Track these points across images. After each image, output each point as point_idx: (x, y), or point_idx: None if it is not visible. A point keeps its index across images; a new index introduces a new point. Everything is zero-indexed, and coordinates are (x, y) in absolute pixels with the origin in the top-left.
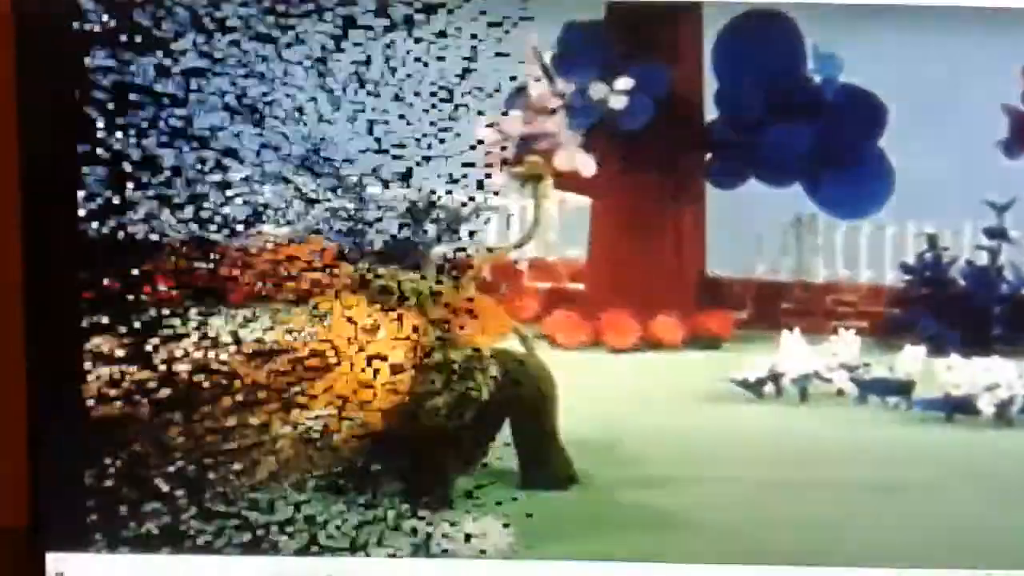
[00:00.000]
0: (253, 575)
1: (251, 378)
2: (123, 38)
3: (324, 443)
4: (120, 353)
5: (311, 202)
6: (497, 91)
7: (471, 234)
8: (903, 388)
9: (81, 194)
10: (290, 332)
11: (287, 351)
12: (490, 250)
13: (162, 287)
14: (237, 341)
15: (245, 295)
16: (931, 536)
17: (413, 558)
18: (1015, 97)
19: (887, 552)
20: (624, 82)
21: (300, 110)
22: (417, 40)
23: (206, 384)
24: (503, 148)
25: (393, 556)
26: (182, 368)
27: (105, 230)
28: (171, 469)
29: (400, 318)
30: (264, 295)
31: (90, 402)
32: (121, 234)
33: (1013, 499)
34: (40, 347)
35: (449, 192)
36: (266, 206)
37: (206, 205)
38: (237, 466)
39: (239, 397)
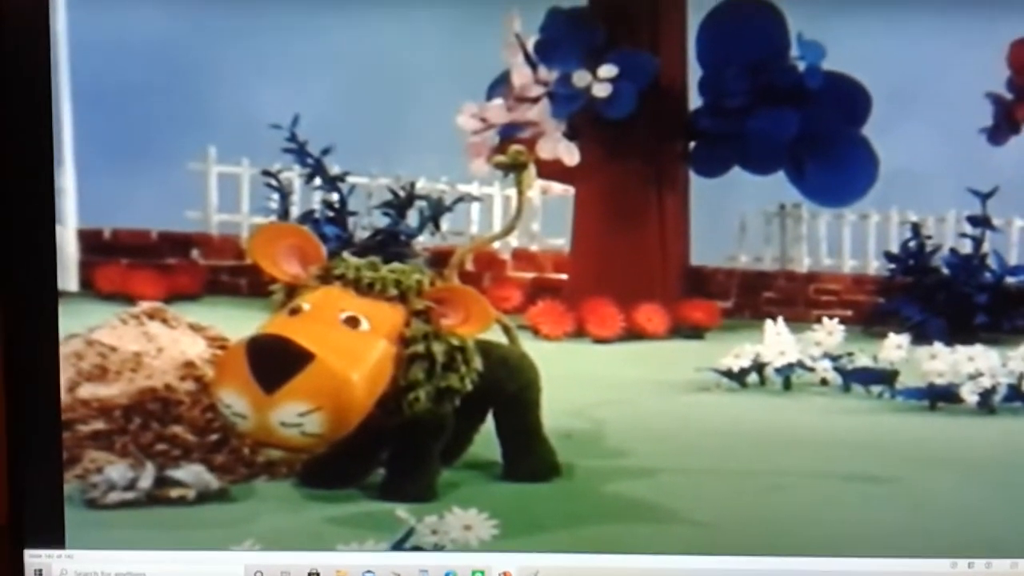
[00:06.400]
0: (234, 570)
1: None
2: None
3: (305, 436)
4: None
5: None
6: (479, 79)
7: (453, 224)
8: (886, 377)
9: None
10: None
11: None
12: (473, 240)
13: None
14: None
15: (225, 287)
16: (914, 525)
17: (396, 551)
18: (1000, 84)
19: (870, 541)
20: (607, 70)
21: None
22: (398, 26)
23: (185, 379)
24: (485, 137)
25: (375, 548)
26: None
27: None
28: (148, 465)
29: (382, 309)
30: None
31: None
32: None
33: (996, 488)
34: (17, 345)
35: (431, 181)
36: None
37: (186, 192)
38: (216, 460)
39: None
